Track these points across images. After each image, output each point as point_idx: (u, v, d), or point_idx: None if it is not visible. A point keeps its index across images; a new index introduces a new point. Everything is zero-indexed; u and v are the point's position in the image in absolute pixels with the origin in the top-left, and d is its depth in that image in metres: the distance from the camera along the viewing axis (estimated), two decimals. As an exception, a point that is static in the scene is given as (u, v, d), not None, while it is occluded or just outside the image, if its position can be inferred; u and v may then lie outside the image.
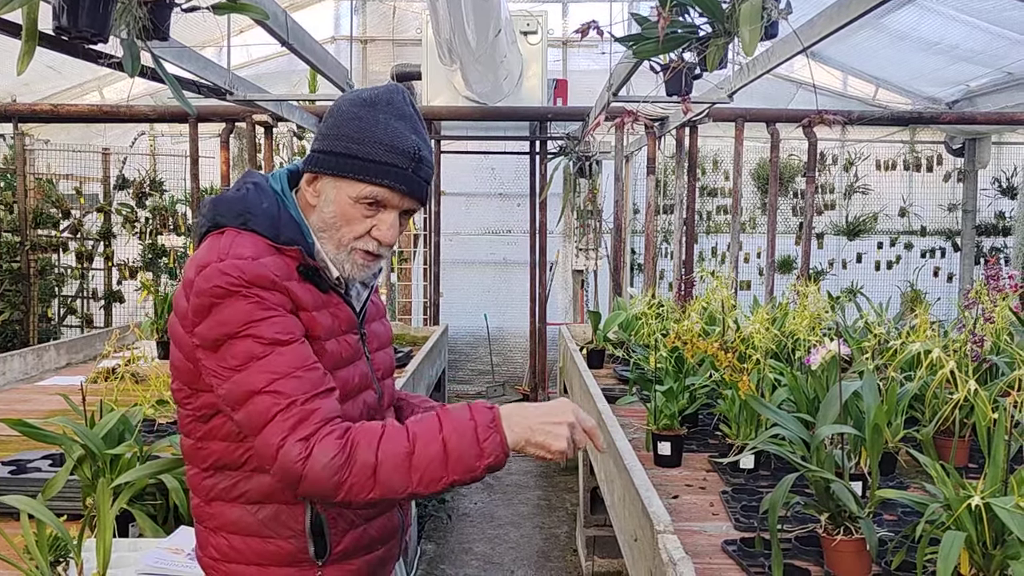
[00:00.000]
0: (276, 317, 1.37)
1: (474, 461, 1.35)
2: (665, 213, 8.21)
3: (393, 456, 1.32)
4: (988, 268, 2.76)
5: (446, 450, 1.33)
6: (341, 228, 1.47)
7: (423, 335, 5.71)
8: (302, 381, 1.35)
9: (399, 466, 1.32)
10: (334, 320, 1.49)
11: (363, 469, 1.31)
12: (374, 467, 1.32)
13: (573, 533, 4.66)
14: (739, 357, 2.89)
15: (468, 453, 1.34)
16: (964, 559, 1.66)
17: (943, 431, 2.53)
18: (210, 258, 1.40)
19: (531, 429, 1.38)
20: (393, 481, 1.32)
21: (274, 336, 1.36)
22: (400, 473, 1.32)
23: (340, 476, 1.31)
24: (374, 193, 1.45)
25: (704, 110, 5.38)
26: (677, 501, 2.43)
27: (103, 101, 7.77)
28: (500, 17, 4.84)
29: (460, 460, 1.34)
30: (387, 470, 1.32)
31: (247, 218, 1.45)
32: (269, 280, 1.39)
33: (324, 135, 1.47)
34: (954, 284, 8.50)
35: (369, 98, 1.47)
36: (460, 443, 1.34)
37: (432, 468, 1.33)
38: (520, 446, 1.39)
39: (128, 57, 2.27)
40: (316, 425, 1.33)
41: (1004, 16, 5.70)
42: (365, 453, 1.32)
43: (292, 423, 1.32)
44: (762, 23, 2.26)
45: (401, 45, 8.50)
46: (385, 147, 1.43)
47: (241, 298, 1.36)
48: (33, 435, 2.10)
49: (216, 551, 1.50)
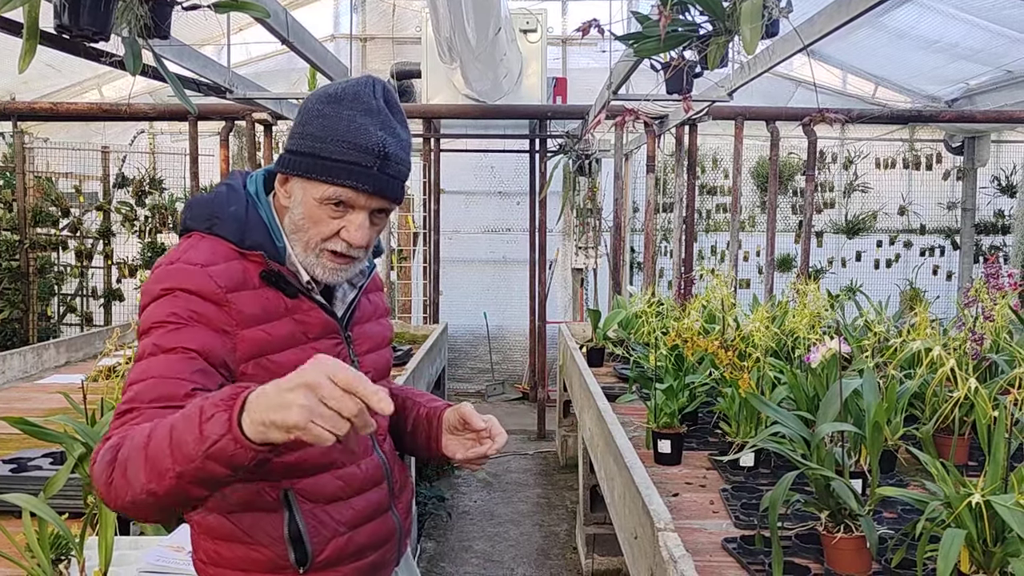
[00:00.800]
0: (180, 326, 1.32)
1: (194, 447, 1.09)
2: (665, 211, 8.22)
3: (135, 450, 1.16)
4: (988, 266, 2.76)
5: (171, 438, 1.12)
6: (309, 230, 1.42)
7: (423, 333, 5.71)
8: (153, 388, 1.27)
9: (137, 459, 1.16)
10: (297, 328, 1.44)
11: (120, 467, 1.18)
12: (124, 463, 1.17)
13: (573, 531, 4.67)
14: (739, 355, 2.90)
15: (188, 439, 1.10)
16: (964, 556, 1.66)
17: (943, 429, 2.53)
18: (164, 260, 1.40)
19: (267, 406, 1.06)
20: (133, 476, 1.16)
21: (161, 345, 1.31)
22: (137, 467, 1.15)
23: (107, 475, 1.19)
24: (337, 194, 1.39)
25: (704, 108, 5.38)
26: (677, 499, 2.43)
27: (102, 99, 7.76)
28: (500, 15, 4.84)
29: (181, 447, 1.11)
30: (132, 466, 1.16)
31: (213, 222, 1.43)
32: (209, 292, 1.35)
33: (292, 134, 1.43)
34: (953, 282, 8.50)
35: (335, 93, 1.41)
36: (183, 428, 1.12)
37: (158, 458, 1.13)
38: (259, 429, 1.07)
39: (130, 55, 2.27)
40: (118, 426, 1.25)
41: (1004, 14, 5.70)
42: (124, 450, 1.18)
43: (112, 428, 1.26)
44: (763, 21, 2.26)
45: (401, 43, 8.50)
46: (348, 145, 1.37)
47: (165, 302, 1.34)
48: (34, 433, 2.10)
49: (204, 555, 1.48)
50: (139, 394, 1.27)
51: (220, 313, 1.36)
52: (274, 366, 1.39)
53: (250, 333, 1.38)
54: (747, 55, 2.46)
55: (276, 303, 1.43)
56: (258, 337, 1.39)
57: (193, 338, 1.32)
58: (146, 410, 1.24)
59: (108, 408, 2.27)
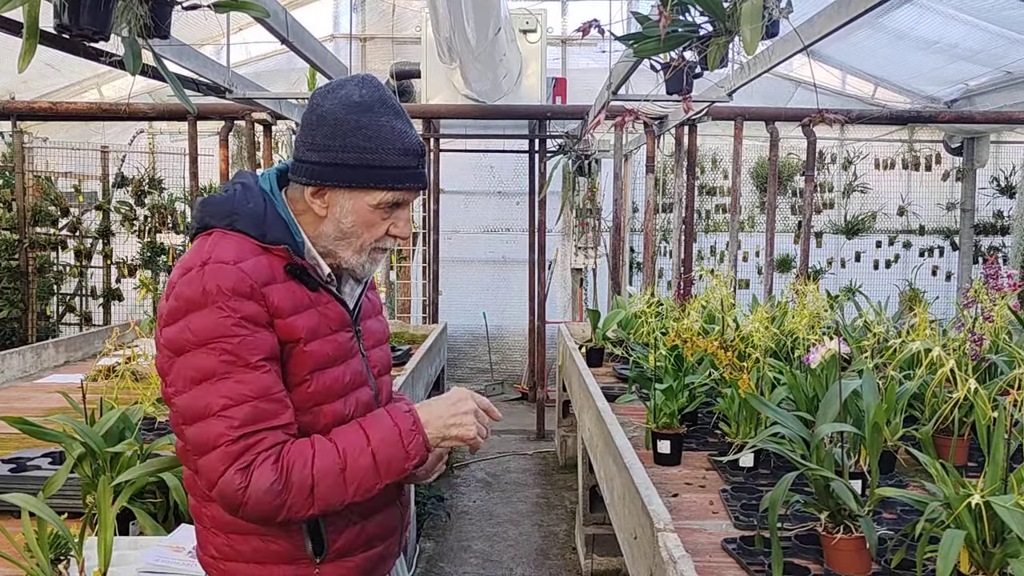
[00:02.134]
0: (247, 336, 1.37)
1: (402, 464, 1.44)
2: (664, 212, 8.22)
3: (328, 474, 1.38)
4: (987, 267, 2.76)
5: (375, 460, 1.41)
6: (363, 235, 1.49)
7: (422, 333, 5.71)
8: (257, 411, 1.36)
9: (335, 483, 1.38)
10: (321, 319, 1.48)
11: (300, 490, 1.36)
12: (311, 486, 1.37)
13: (572, 531, 4.67)
14: (739, 356, 2.90)
15: (396, 458, 1.43)
16: (964, 557, 1.66)
17: (942, 430, 2.53)
18: (193, 262, 1.40)
19: (445, 425, 1.48)
20: (331, 496, 1.39)
21: (240, 357, 1.36)
22: (337, 488, 1.39)
23: (280, 499, 1.35)
24: (396, 198, 1.48)
25: (704, 109, 5.38)
26: (677, 499, 2.43)
27: (102, 99, 7.76)
28: (500, 15, 4.84)
29: (390, 466, 1.42)
30: (324, 488, 1.38)
31: (234, 219, 1.44)
32: (247, 289, 1.38)
33: (325, 147, 1.44)
34: (952, 283, 8.51)
35: (363, 102, 1.44)
36: (388, 451, 1.42)
37: (366, 478, 1.41)
38: (437, 442, 1.49)
39: (129, 55, 2.27)
40: (255, 454, 1.35)
41: (1003, 15, 5.70)
42: (300, 474, 1.36)
43: (235, 452, 1.34)
44: (763, 22, 2.26)
45: (400, 43, 8.50)
46: (399, 151, 1.45)
47: (217, 309, 1.36)
48: (34, 433, 2.10)
49: (215, 550, 1.50)
50: (248, 418, 1.35)
51: (260, 309, 1.40)
52: (307, 354, 1.45)
53: (284, 323, 1.43)
54: (747, 56, 2.46)
55: (301, 296, 1.47)
56: (293, 325, 1.43)
57: (259, 346, 1.38)
58: (266, 432, 1.37)
59: (107, 408, 2.27)
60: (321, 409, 1.47)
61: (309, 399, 1.45)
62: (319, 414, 1.47)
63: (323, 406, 1.47)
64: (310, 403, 1.46)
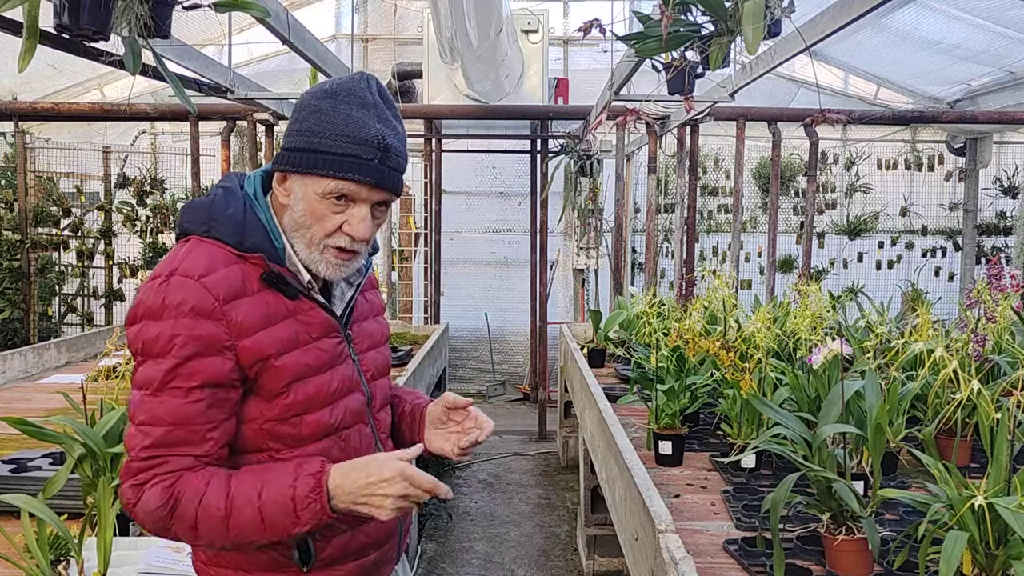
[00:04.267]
0: (190, 360, 1.34)
1: (291, 528, 1.35)
2: (666, 212, 8.21)
3: (210, 517, 1.34)
4: (990, 267, 2.76)
5: (261, 516, 1.34)
6: (312, 226, 1.43)
7: (424, 334, 5.70)
8: (170, 436, 1.35)
9: (216, 526, 1.34)
10: (300, 328, 1.44)
11: (183, 521, 1.34)
12: (194, 522, 1.34)
13: (574, 532, 4.66)
14: (741, 356, 2.89)
15: (283, 521, 1.35)
16: (967, 559, 1.65)
17: (945, 431, 2.53)
18: (163, 270, 1.39)
19: (354, 501, 1.35)
20: (213, 536, 1.36)
21: (176, 377, 1.34)
22: (218, 531, 1.35)
23: (164, 524, 1.35)
24: (340, 187, 1.40)
25: (706, 109, 5.37)
26: (678, 500, 2.43)
27: (104, 99, 7.77)
28: (502, 16, 4.84)
29: (274, 526, 1.35)
30: (206, 528, 1.35)
31: (211, 225, 1.42)
32: (208, 307, 1.36)
33: (289, 131, 1.43)
34: (955, 283, 8.50)
35: (330, 89, 1.41)
36: (276, 511, 1.34)
37: (247, 530, 1.35)
38: (345, 510, 1.37)
39: (129, 55, 2.27)
40: (153, 474, 1.34)
41: (1006, 15, 5.69)
42: (185, 508, 1.34)
43: (136, 469, 1.35)
44: (765, 22, 2.25)
45: (402, 44, 8.50)
46: (347, 138, 1.38)
47: (168, 324, 1.34)
48: (34, 434, 2.10)
49: (205, 555, 1.50)
50: (158, 440, 1.35)
51: (217, 329, 1.37)
52: (280, 368, 1.41)
53: (250, 342, 1.39)
54: (749, 56, 2.45)
55: (277, 306, 1.43)
56: (261, 343, 1.40)
57: (200, 372, 1.35)
58: (172, 457, 1.35)
59: (108, 409, 2.27)
60: (303, 419, 1.44)
61: (287, 410, 1.42)
62: (300, 424, 1.44)
63: (305, 416, 1.44)
64: (289, 414, 1.43)
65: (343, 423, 1.49)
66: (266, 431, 1.44)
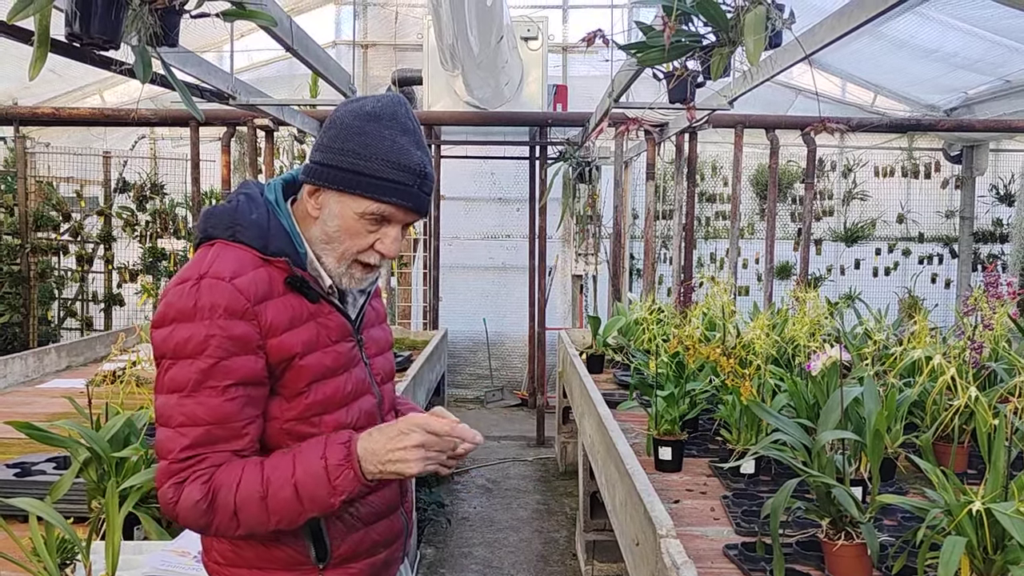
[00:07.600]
0: (224, 359, 1.38)
1: (328, 499, 1.40)
2: (664, 218, 8.24)
3: (249, 502, 1.38)
4: (986, 275, 2.77)
5: (298, 493, 1.39)
6: (345, 242, 1.47)
7: (423, 339, 5.72)
8: (210, 435, 1.38)
9: (257, 510, 1.38)
10: (321, 331, 1.49)
11: (224, 511, 1.38)
12: (234, 510, 1.38)
13: (573, 537, 4.67)
14: (740, 363, 2.91)
15: (320, 492, 1.39)
16: (965, 564, 1.67)
17: (943, 437, 2.55)
18: (191, 274, 1.42)
19: (381, 461, 1.40)
20: (253, 521, 1.39)
21: (211, 378, 1.38)
22: (259, 515, 1.39)
23: (207, 518, 1.38)
24: (381, 210, 1.45)
25: (705, 116, 5.40)
26: (678, 506, 2.45)
27: (104, 104, 7.78)
28: (502, 23, 4.86)
29: (314, 500, 1.39)
30: (247, 514, 1.39)
31: (236, 230, 1.45)
32: (240, 308, 1.39)
33: (327, 147, 1.45)
34: (951, 290, 8.52)
35: (373, 111, 1.45)
36: (312, 485, 1.39)
37: (288, 509, 1.39)
38: (376, 476, 1.41)
39: (140, 64, 2.28)
40: (192, 472, 1.38)
41: (1003, 24, 5.73)
42: (225, 498, 1.38)
43: (176, 469, 1.38)
44: (766, 33, 2.28)
45: (402, 50, 8.53)
46: (392, 164, 1.43)
47: (204, 326, 1.37)
48: (40, 438, 2.11)
49: (220, 555, 1.52)
50: (197, 440, 1.38)
51: (250, 329, 1.41)
52: (302, 368, 1.46)
53: (277, 341, 1.43)
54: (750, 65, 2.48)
55: (300, 308, 1.47)
56: (286, 343, 1.44)
57: (235, 371, 1.39)
58: (210, 455, 1.39)
59: (112, 412, 2.28)
60: (322, 419, 1.48)
61: (308, 409, 1.47)
62: (320, 424, 1.48)
63: (324, 416, 1.48)
64: (309, 413, 1.47)
65: (357, 424, 1.52)
66: (286, 431, 1.48)
